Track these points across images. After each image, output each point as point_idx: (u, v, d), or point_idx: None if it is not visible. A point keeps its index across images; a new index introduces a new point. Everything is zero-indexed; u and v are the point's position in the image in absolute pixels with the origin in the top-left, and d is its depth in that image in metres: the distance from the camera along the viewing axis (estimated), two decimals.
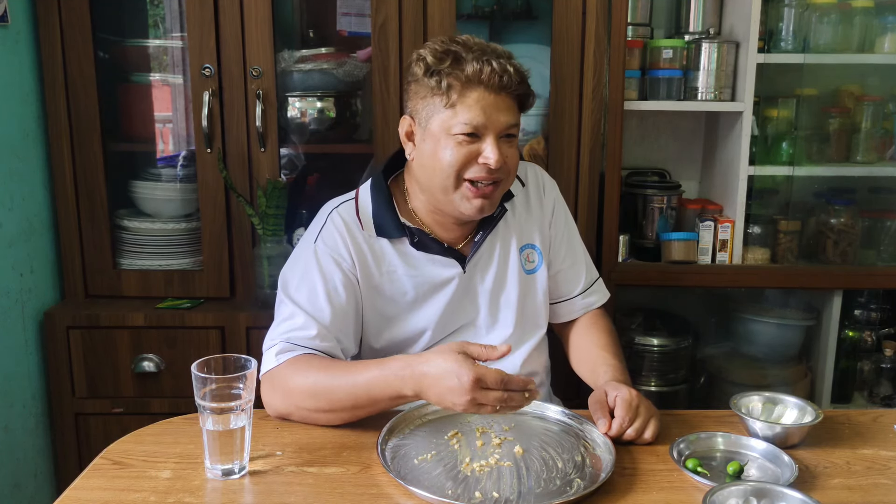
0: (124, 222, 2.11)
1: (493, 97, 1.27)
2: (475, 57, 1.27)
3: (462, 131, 1.28)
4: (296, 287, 1.35)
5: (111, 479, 1.12)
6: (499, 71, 1.26)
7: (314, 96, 2.08)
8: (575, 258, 1.55)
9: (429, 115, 1.31)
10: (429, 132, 1.32)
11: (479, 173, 1.31)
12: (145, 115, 2.15)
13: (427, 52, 1.31)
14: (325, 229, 1.39)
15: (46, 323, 2.00)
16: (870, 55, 2.13)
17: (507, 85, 1.27)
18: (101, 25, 2.01)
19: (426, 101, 1.31)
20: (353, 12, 2.14)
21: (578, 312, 1.56)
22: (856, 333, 2.31)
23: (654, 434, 1.23)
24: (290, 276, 1.38)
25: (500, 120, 1.29)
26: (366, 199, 1.42)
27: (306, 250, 1.38)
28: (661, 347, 2.25)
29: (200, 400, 1.10)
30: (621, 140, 2.04)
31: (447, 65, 1.27)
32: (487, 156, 1.29)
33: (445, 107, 1.29)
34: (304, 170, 2.19)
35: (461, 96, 1.27)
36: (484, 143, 1.29)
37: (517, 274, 1.46)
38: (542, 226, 1.50)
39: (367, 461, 1.16)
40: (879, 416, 1.35)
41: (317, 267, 1.35)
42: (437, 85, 1.28)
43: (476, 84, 1.27)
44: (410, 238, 1.39)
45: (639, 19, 2.22)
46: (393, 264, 1.39)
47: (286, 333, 1.31)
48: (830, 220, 2.19)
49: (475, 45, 1.30)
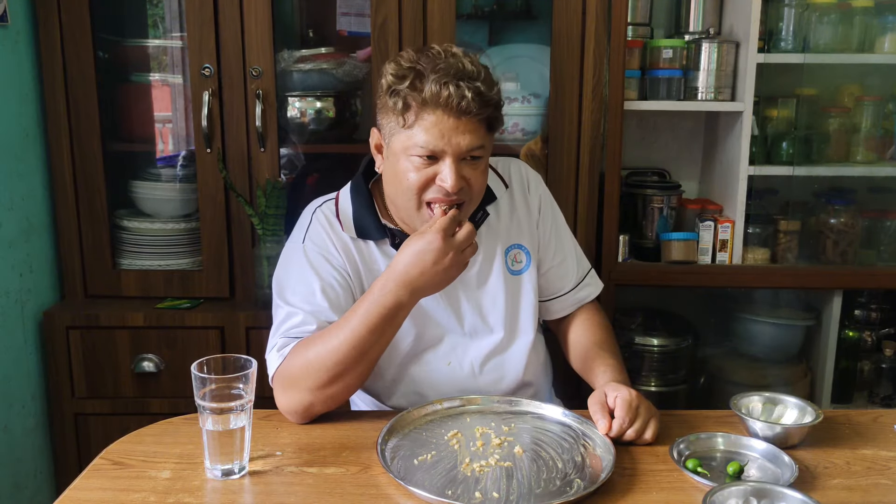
0: (124, 222, 2.11)
1: (454, 120, 1.22)
2: (437, 78, 1.20)
3: (418, 154, 1.24)
4: (291, 289, 1.34)
5: (111, 479, 1.12)
6: (457, 96, 1.20)
7: (314, 96, 2.08)
8: (564, 254, 1.52)
9: (390, 133, 1.28)
10: (391, 149, 1.29)
11: (437, 195, 1.27)
12: (145, 115, 2.15)
13: (392, 67, 1.26)
14: (311, 228, 1.38)
15: (46, 323, 2.00)
16: (870, 55, 2.13)
17: (467, 110, 1.21)
18: (100, 25, 2.01)
19: (388, 119, 1.28)
20: (353, 12, 2.14)
21: (571, 308, 1.54)
22: (856, 333, 2.30)
23: (655, 434, 1.23)
24: (284, 279, 1.36)
25: (461, 143, 1.23)
26: (346, 201, 1.41)
27: (295, 251, 1.37)
28: (661, 347, 2.25)
29: (200, 400, 1.10)
30: (621, 140, 2.04)
31: (406, 85, 1.22)
32: (444, 178, 1.24)
33: (402, 127, 1.25)
34: (303, 170, 2.19)
35: (418, 118, 1.23)
36: (442, 165, 1.25)
37: (501, 276, 1.43)
38: (529, 226, 1.47)
39: (367, 461, 1.16)
40: (879, 416, 1.35)
41: (308, 265, 1.34)
42: (395, 105, 1.24)
43: (434, 106, 1.21)
44: (391, 239, 1.38)
45: (639, 19, 2.22)
46: (377, 263, 1.38)
47: (286, 332, 1.30)
48: (830, 220, 2.19)
49: (442, 63, 1.22)
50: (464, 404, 1.33)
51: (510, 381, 1.44)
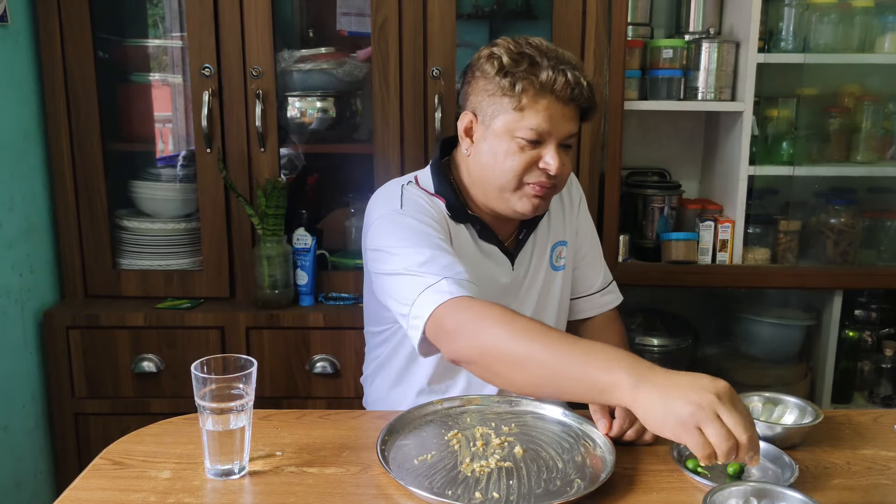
0: (124, 222, 2.11)
1: (562, 107, 1.27)
2: (550, 65, 1.26)
3: (526, 136, 1.28)
4: (408, 239, 1.26)
5: (111, 479, 1.12)
6: (572, 82, 1.26)
7: (314, 96, 2.08)
8: (595, 255, 1.58)
9: (494, 114, 1.30)
10: (492, 130, 1.31)
11: (538, 178, 1.31)
12: (145, 115, 2.15)
13: (502, 51, 1.29)
14: (405, 198, 1.35)
15: (46, 323, 2.00)
16: (870, 55, 2.13)
17: (577, 97, 1.27)
18: (100, 25, 2.01)
19: (493, 100, 1.30)
20: (353, 12, 2.14)
21: (595, 310, 1.58)
22: (856, 333, 2.30)
23: (655, 435, 1.23)
24: (396, 236, 1.28)
25: (564, 129, 1.29)
26: (427, 183, 1.40)
27: (397, 219, 1.31)
28: (661, 347, 2.25)
29: (200, 400, 1.10)
30: (621, 140, 2.04)
31: (523, 68, 1.26)
32: (548, 162, 1.29)
33: (514, 109, 1.28)
34: (303, 170, 2.19)
35: (532, 102, 1.27)
36: (545, 150, 1.29)
37: (545, 270, 1.48)
38: (571, 222, 1.53)
39: (367, 461, 1.16)
40: (879, 416, 1.35)
41: (419, 223, 1.29)
42: (510, 86, 1.27)
43: (548, 92, 1.26)
44: (475, 226, 1.39)
45: (639, 19, 2.22)
46: (462, 244, 1.37)
47: (442, 270, 1.20)
48: (830, 220, 2.19)
49: (549, 51, 1.28)
50: (464, 404, 1.33)
51: None
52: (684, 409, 0.93)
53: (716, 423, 0.92)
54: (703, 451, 0.93)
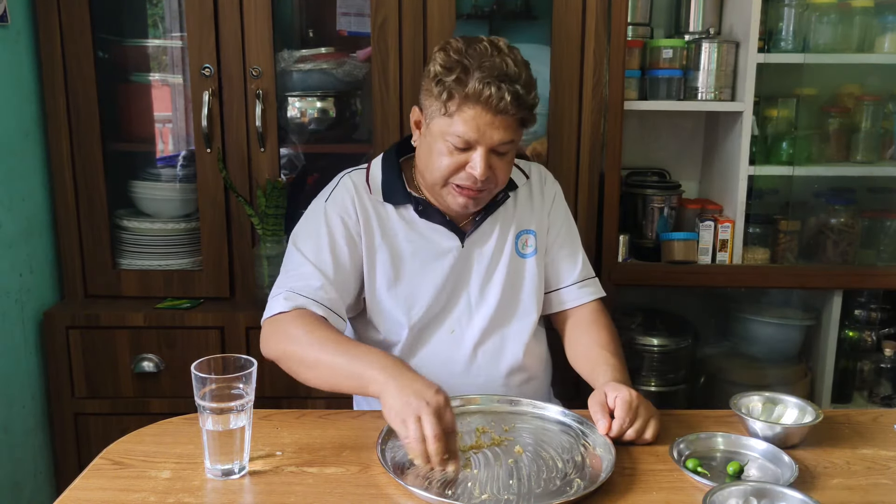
0: (124, 222, 2.11)
1: (490, 116, 1.31)
2: (481, 77, 1.29)
3: (454, 142, 1.34)
4: (303, 241, 1.44)
5: (111, 479, 1.12)
6: (496, 97, 1.28)
7: (314, 96, 2.08)
8: (572, 249, 1.57)
9: (431, 115, 1.37)
10: (429, 130, 1.38)
11: (465, 181, 1.37)
12: (145, 114, 2.15)
13: (440, 56, 1.34)
14: (335, 191, 1.48)
15: (46, 323, 2.00)
16: (870, 55, 2.13)
17: (504, 109, 1.30)
18: (100, 25, 2.01)
19: (431, 101, 1.36)
20: (353, 12, 2.14)
21: (573, 302, 1.55)
22: (856, 333, 2.31)
23: (655, 434, 1.23)
24: (300, 231, 1.47)
25: (494, 137, 1.32)
26: (376, 169, 1.50)
27: (316, 209, 1.47)
28: (661, 347, 2.25)
29: (200, 400, 1.10)
30: (621, 140, 2.04)
31: (452, 78, 1.30)
32: (474, 167, 1.34)
33: (443, 115, 1.33)
34: (303, 170, 2.19)
35: (459, 110, 1.31)
36: (474, 155, 1.34)
37: (510, 255, 1.50)
38: (541, 214, 1.54)
39: (367, 461, 1.16)
40: (879, 416, 1.35)
41: (324, 223, 1.44)
42: (439, 94, 1.32)
43: (475, 102, 1.30)
44: (415, 206, 1.46)
45: (639, 19, 2.22)
46: (395, 228, 1.46)
47: (293, 283, 1.38)
48: (830, 220, 2.19)
49: (488, 61, 1.30)
50: (464, 404, 1.33)
51: (509, 360, 1.49)
52: (402, 406, 1.12)
53: (414, 424, 1.10)
54: (403, 442, 1.13)
